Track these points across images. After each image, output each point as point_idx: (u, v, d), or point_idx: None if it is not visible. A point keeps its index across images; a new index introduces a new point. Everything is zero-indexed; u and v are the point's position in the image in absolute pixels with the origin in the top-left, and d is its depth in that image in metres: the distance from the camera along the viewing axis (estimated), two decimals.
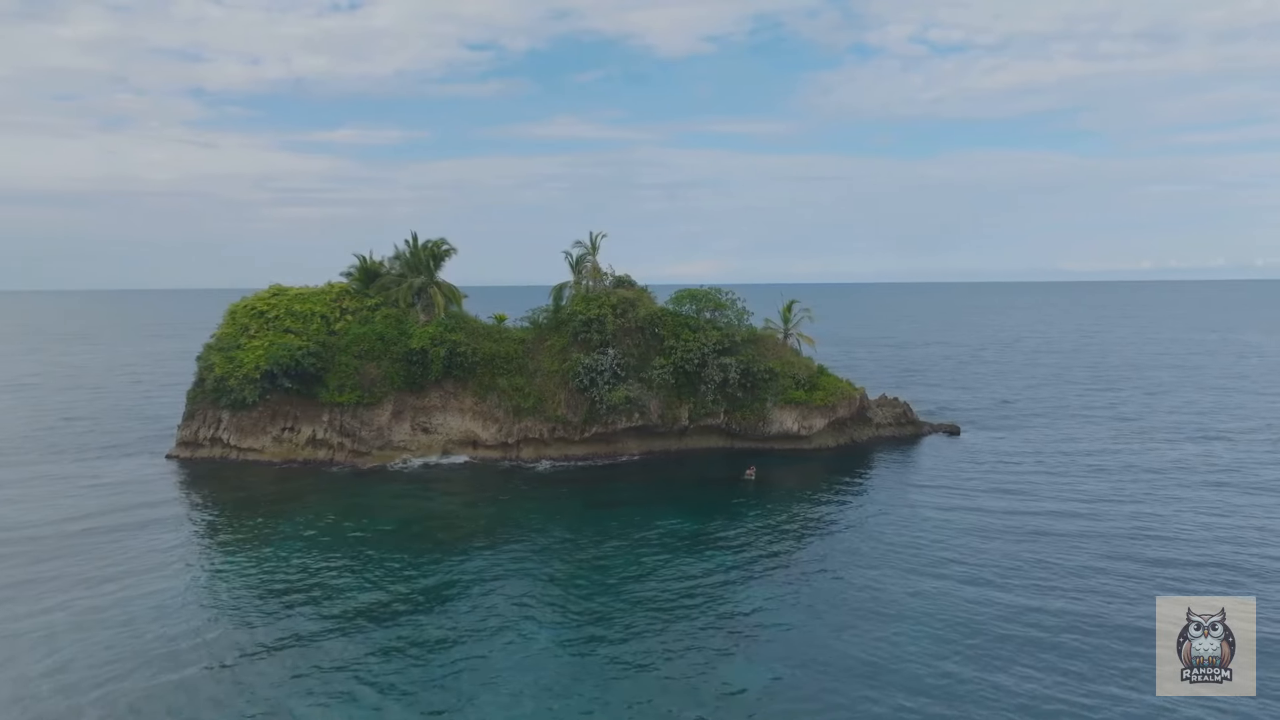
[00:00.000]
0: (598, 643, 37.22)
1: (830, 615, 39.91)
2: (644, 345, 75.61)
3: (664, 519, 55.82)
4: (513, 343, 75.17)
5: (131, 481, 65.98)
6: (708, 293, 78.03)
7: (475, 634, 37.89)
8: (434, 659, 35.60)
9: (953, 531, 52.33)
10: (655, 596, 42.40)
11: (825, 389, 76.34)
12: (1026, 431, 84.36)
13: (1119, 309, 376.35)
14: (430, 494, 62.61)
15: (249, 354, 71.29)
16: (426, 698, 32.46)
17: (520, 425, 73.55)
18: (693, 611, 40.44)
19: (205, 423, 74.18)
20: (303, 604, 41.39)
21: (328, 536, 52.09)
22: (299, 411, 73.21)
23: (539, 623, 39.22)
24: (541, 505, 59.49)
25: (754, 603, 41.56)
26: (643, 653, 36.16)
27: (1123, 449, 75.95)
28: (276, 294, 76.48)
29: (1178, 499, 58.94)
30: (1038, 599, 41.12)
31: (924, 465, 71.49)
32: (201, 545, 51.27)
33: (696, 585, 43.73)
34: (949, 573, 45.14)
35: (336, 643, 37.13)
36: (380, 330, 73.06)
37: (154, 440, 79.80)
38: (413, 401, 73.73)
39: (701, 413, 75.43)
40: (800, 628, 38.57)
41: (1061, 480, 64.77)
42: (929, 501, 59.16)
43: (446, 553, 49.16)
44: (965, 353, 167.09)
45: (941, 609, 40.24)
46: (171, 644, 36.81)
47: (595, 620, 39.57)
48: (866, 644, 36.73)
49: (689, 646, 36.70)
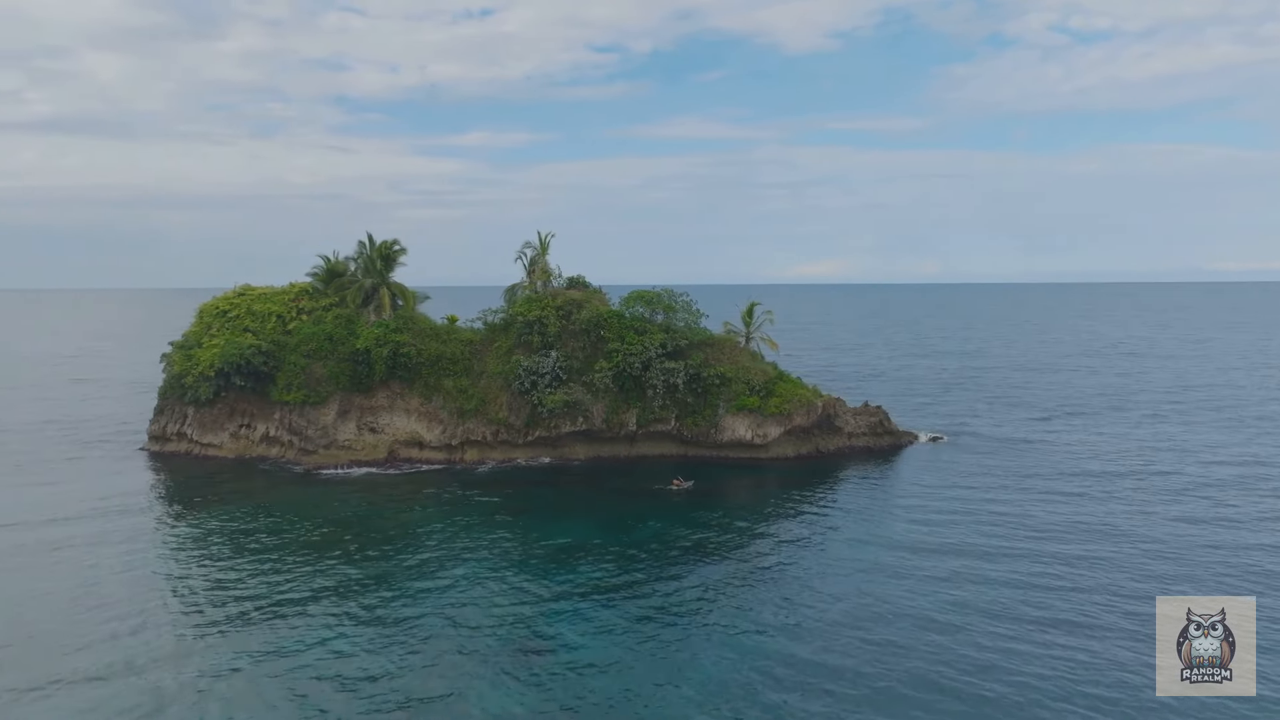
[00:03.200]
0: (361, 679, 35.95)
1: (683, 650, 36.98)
2: (589, 348, 73.67)
3: (558, 529, 54.06)
4: (459, 344, 74.66)
5: (99, 475, 69.07)
6: (658, 294, 75.36)
7: (296, 649, 37.35)
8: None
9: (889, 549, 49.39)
10: (467, 615, 40.72)
11: (781, 396, 72.35)
12: (1024, 444, 77.71)
13: (1273, 311, 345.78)
14: (348, 496, 62.55)
15: (206, 352, 73.51)
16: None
17: (464, 427, 72.98)
18: (479, 633, 38.60)
19: (172, 418, 77.01)
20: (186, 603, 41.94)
21: (233, 532, 52.91)
22: (255, 409, 74.98)
23: (349, 638, 38.30)
24: (444, 510, 58.50)
25: (562, 631, 38.40)
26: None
27: (1122, 475, 68.86)
28: (241, 294, 78.62)
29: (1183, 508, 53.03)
30: (1038, 601, 40.89)
31: (888, 479, 67.01)
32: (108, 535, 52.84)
33: (517, 610, 40.89)
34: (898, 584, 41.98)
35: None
36: (329, 330, 73.93)
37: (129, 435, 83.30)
38: (360, 401, 74.27)
39: (649, 418, 72.88)
40: (623, 668, 35.05)
41: (1025, 498, 59.35)
42: (867, 523, 54.68)
43: (320, 558, 48.92)
44: (1037, 361, 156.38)
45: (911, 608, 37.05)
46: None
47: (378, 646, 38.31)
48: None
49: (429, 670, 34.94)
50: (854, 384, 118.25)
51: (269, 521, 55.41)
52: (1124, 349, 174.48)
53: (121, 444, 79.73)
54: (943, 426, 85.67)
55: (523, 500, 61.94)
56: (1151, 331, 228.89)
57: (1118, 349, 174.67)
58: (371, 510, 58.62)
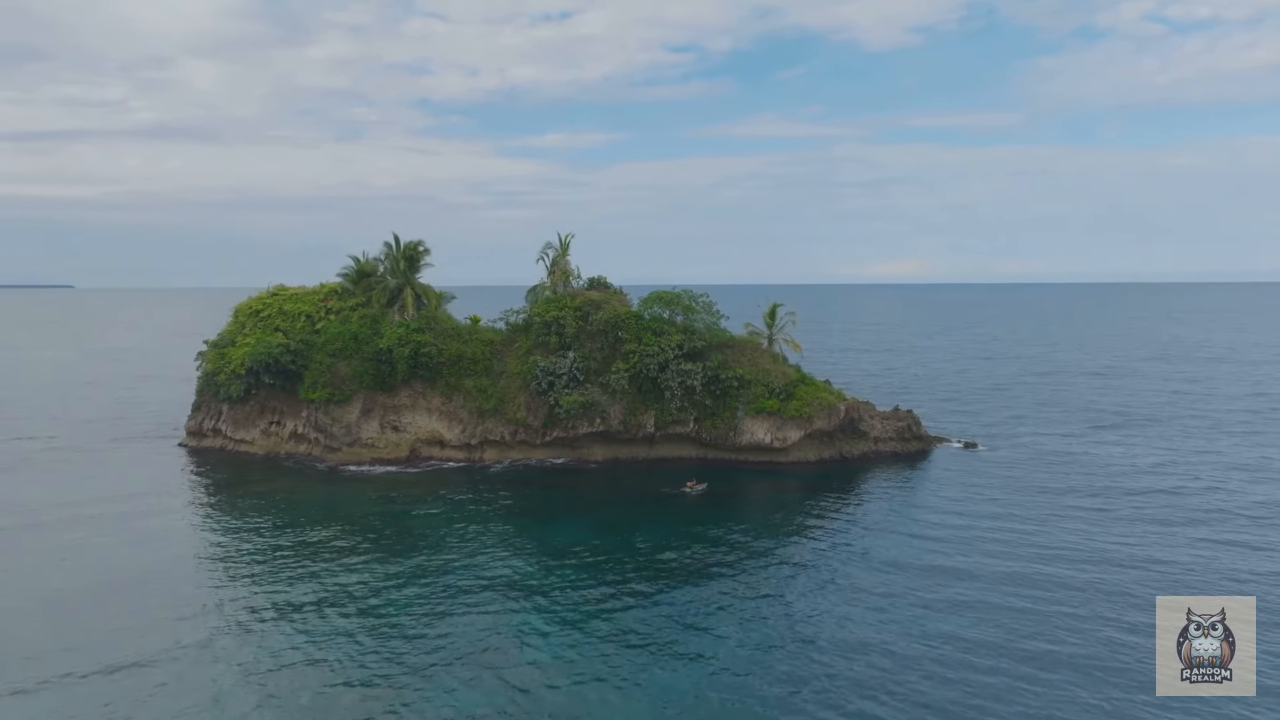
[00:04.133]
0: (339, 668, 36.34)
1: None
2: (607, 349, 73.30)
3: (559, 531, 54.13)
4: (480, 344, 75.14)
5: (128, 468, 71.80)
6: (678, 295, 74.49)
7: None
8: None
9: (907, 552, 48.80)
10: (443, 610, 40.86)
11: (801, 399, 70.80)
12: (1061, 455, 74.53)
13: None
14: (366, 494, 63.36)
15: (237, 351, 75.58)
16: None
17: (483, 427, 73.43)
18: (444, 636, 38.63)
19: (208, 415, 79.42)
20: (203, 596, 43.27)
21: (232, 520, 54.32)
22: (284, 407, 76.77)
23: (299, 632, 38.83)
24: (453, 512, 58.58)
25: (527, 636, 38.23)
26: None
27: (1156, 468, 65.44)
28: (274, 294, 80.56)
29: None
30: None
31: (908, 488, 64.56)
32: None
33: (498, 624, 39.71)
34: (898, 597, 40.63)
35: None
36: (355, 330, 75.20)
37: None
38: (384, 400, 75.35)
39: (668, 420, 72.16)
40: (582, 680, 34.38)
41: (1043, 514, 56.67)
42: (894, 527, 53.88)
43: (314, 558, 49.79)
44: (1105, 365, 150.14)
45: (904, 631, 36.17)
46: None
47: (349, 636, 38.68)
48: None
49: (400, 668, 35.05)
50: (903, 386, 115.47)
51: (284, 519, 56.36)
52: (1204, 353, 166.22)
53: (161, 439, 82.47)
54: (982, 433, 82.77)
55: (532, 501, 62.04)
56: (1232, 335, 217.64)
57: (1197, 353, 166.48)
58: (386, 509, 59.19)
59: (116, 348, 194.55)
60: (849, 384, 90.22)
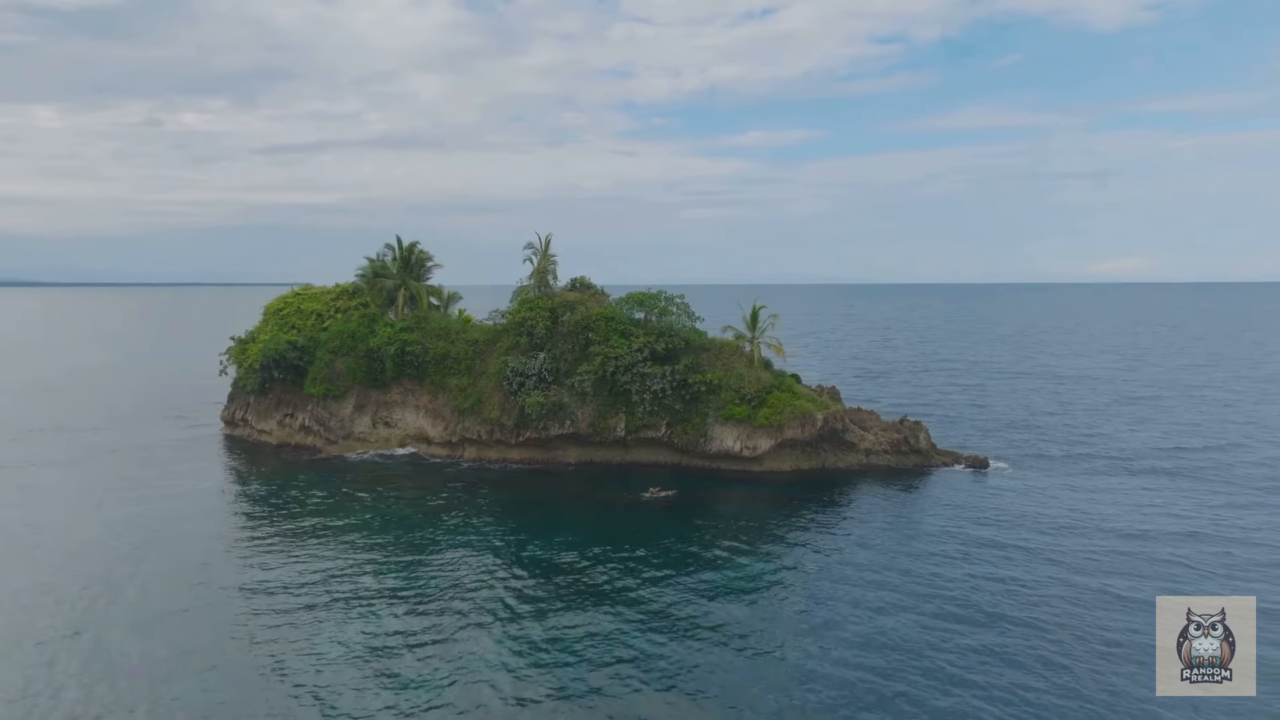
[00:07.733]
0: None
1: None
2: (578, 350, 72.05)
3: (505, 531, 54.03)
4: (465, 344, 75.94)
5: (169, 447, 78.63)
6: (654, 296, 71.94)
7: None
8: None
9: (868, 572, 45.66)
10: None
11: (773, 406, 66.55)
12: (1080, 469, 65.89)
13: None
14: (344, 485, 65.16)
15: (255, 347, 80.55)
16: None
17: (462, 425, 74.28)
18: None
19: (238, 406, 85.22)
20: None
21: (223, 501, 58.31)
22: (295, 400, 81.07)
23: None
24: (411, 509, 58.78)
25: (463, 645, 37.27)
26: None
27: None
28: (296, 293, 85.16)
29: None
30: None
31: (887, 509, 58.31)
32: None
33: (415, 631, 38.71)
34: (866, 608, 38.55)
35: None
36: (353, 328, 78.17)
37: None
38: (377, 396, 77.89)
39: (638, 425, 70.03)
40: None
41: (1030, 559, 50.15)
42: (827, 564, 47.69)
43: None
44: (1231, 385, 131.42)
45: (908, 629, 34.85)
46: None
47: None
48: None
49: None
50: (978, 397, 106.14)
51: (256, 507, 59.48)
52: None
53: (206, 429, 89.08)
54: (1010, 454, 74.11)
55: (490, 499, 61.50)
56: None
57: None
58: (350, 499, 60.96)
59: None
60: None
